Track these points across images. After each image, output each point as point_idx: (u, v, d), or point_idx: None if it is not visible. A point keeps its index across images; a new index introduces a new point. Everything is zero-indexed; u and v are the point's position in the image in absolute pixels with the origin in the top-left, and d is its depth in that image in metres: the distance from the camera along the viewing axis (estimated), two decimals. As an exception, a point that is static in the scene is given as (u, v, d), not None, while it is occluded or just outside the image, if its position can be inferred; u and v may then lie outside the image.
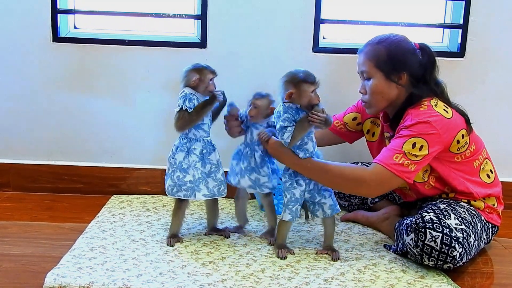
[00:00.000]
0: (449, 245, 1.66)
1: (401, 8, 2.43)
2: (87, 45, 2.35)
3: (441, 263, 1.69)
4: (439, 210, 1.75)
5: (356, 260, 1.81)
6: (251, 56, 2.37)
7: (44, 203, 2.30)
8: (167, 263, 1.73)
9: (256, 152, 1.88)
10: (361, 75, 1.91)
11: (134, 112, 2.41)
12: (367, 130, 2.10)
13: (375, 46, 1.86)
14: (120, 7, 2.40)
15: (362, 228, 2.10)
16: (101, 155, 2.44)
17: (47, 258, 1.75)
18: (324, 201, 1.83)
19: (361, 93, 1.92)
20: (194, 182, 1.85)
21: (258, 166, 1.89)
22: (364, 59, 1.87)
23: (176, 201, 1.91)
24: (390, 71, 1.83)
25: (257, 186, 1.90)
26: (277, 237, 1.86)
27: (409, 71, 1.84)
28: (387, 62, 1.83)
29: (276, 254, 1.82)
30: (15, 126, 2.41)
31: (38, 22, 2.32)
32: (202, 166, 1.86)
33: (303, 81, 1.75)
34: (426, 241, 1.68)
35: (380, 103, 1.89)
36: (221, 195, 1.90)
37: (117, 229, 1.99)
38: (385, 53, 1.83)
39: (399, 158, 1.74)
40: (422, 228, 1.68)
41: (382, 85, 1.85)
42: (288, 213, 1.82)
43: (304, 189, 1.82)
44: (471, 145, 1.85)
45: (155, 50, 2.36)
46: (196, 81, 1.84)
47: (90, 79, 2.38)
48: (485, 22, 2.37)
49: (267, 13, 2.34)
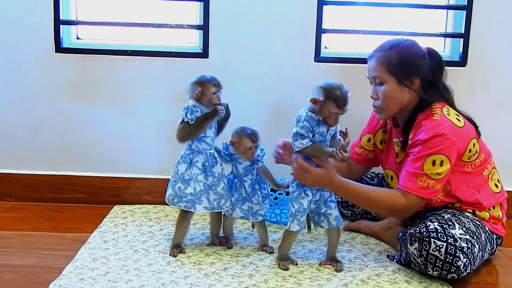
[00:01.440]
0: (454, 255, 1.65)
1: (403, 17, 2.44)
2: (90, 55, 2.36)
3: (445, 273, 1.68)
4: (443, 220, 1.75)
5: (359, 271, 1.80)
6: (253, 66, 2.37)
7: (46, 213, 2.30)
8: (170, 273, 1.73)
9: (245, 182, 1.89)
10: (372, 81, 1.90)
11: (136, 122, 2.41)
12: (380, 140, 2.08)
13: (386, 52, 1.85)
14: (122, 18, 2.41)
15: (365, 238, 2.09)
16: (103, 165, 2.43)
17: (49, 269, 1.75)
18: (329, 212, 1.83)
19: (373, 98, 1.91)
20: (195, 195, 1.85)
21: (249, 195, 1.90)
22: (376, 64, 1.86)
23: (181, 211, 1.91)
24: (403, 76, 1.83)
25: (250, 215, 1.91)
26: (282, 248, 1.85)
27: (420, 75, 1.84)
28: (399, 67, 1.83)
29: (278, 265, 1.81)
30: (17, 136, 2.41)
31: (40, 33, 2.33)
32: (204, 178, 1.86)
33: (333, 99, 1.71)
34: (430, 250, 1.67)
35: (392, 108, 1.88)
36: (221, 209, 1.89)
37: (119, 240, 1.99)
38: (397, 58, 1.83)
39: (423, 181, 1.76)
40: (426, 237, 1.67)
41: (395, 90, 1.85)
42: (296, 224, 1.80)
43: (311, 199, 1.81)
44: (480, 154, 1.86)
45: (157, 60, 2.37)
46: (198, 94, 1.84)
47: (92, 89, 2.38)
48: (486, 31, 2.37)
49: (269, 23, 2.34)
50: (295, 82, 2.37)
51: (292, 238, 1.84)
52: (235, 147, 1.87)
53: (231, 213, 1.93)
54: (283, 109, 2.35)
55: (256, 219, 1.92)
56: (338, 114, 1.74)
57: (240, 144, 1.85)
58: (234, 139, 1.86)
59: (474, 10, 2.35)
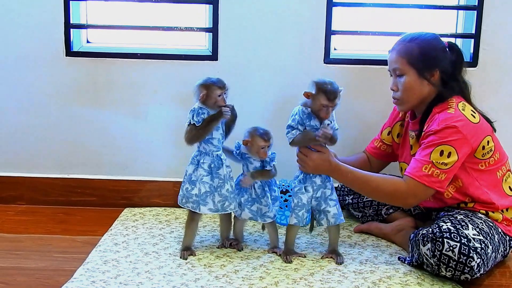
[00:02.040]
0: (467, 255, 1.64)
1: (413, 18, 2.42)
2: (100, 59, 2.37)
3: (459, 274, 1.67)
4: (456, 221, 1.74)
5: (370, 273, 1.79)
6: (262, 68, 2.37)
7: (57, 216, 2.31)
8: (180, 276, 1.73)
9: (255, 183, 1.90)
10: (392, 73, 1.92)
11: (146, 125, 2.42)
12: (397, 134, 2.10)
13: (407, 44, 1.87)
14: (132, 21, 2.42)
15: (376, 240, 2.08)
16: (113, 168, 2.44)
17: (60, 272, 1.76)
18: (328, 209, 1.87)
19: (393, 90, 1.92)
20: (200, 196, 1.86)
21: (259, 196, 1.90)
22: (397, 56, 1.88)
23: (189, 213, 1.91)
24: (423, 68, 1.85)
25: (258, 216, 1.92)
26: (286, 243, 1.90)
27: (440, 68, 1.86)
28: (419, 59, 1.85)
29: (282, 259, 1.85)
30: (28, 140, 2.42)
31: (51, 36, 2.34)
32: (211, 180, 1.86)
33: (324, 92, 1.79)
34: (443, 251, 1.66)
35: (412, 100, 1.89)
36: (224, 211, 1.90)
37: (130, 242, 1.99)
38: (417, 50, 1.85)
39: (428, 169, 1.76)
40: (440, 237, 1.67)
41: (415, 81, 1.86)
42: (294, 217, 1.86)
43: (311, 195, 1.86)
44: (495, 153, 1.85)
45: (167, 63, 2.38)
46: (204, 97, 1.85)
47: (102, 92, 2.39)
48: (498, 31, 2.35)
49: (278, 25, 2.34)
50: (304, 84, 2.33)
51: (293, 232, 1.90)
52: (248, 147, 1.88)
53: (240, 214, 1.93)
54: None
55: (265, 221, 1.92)
56: (329, 107, 1.80)
57: (253, 143, 1.86)
58: (247, 139, 1.87)
59: (485, 10, 2.33)
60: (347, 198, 2.26)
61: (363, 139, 2.38)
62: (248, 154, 1.89)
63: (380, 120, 2.22)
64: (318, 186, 1.87)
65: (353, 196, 2.25)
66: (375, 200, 2.13)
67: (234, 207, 1.89)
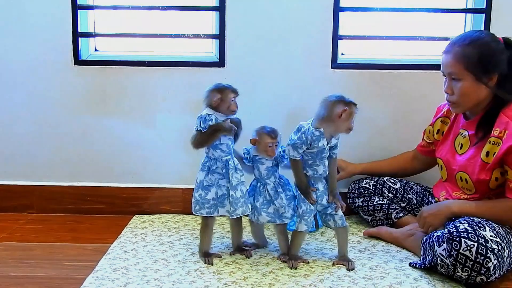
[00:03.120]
0: (485, 255, 1.63)
1: (420, 22, 2.41)
2: (108, 67, 2.38)
3: (475, 274, 1.65)
4: (473, 222, 1.73)
5: (380, 279, 1.77)
6: (269, 74, 2.37)
7: (68, 224, 2.32)
8: (190, 283, 1.73)
9: (268, 185, 1.89)
10: (447, 76, 1.88)
11: (155, 132, 2.42)
12: (437, 130, 2.09)
13: (464, 48, 1.82)
14: (140, 29, 2.43)
15: (386, 246, 2.07)
16: (122, 175, 2.45)
17: (70, 280, 1.76)
18: (335, 213, 1.88)
19: (447, 93, 1.89)
20: (217, 199, 1.87)
21: (273, 198, 1.90)
22: (453, 60, 1.83)
23: (202, 219, 1.92)
24: (481, 73, 1.81)
25: (276, 218, 1.91)
26: (291, 248, 1.89)
27: (499, 72, 1.82)
28: (477, 64, 1.80)
29: (288, 265, 1.85)
30: (38, 149, 2.44)
31: (59, 45, 2.36)
32: (226, 183, 1.87)
33: (351, 103, 1.79)
34: (461, 250, 1.64)
35: (468, 103, 1.87)
36: (231, 216, 1.89)
37: (139, 250, 1.99)
38: (476, 55, 1.80)
39: None
40: (457, 237, 1.65)
41: (472, 87, 1.83)
42: (304, 224, 1.86)
43: (317, 201, 1.87)
44: None
45: (175, 71, 2.38)
46: (218, 101, 1.85)
47: (111, 100, 2.40)
48: (506, 34, 2.32)
49: (285, 30, 2.34)
50: (312, 89, 2.37)
51: (301, 238, 1.90)
52: (256, 146, 1.88)
53: (257, 218, 1.92)
54: (300, 116, 2.30)
55: (283, 221, 1.91)
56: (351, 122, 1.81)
57: (261, 141, 1.86)
58: (254, 138, 1.87)
59: (493, 13, 2.32)
60: (357, 201, 2.25)
61: (372, 143, 2.37)
62: (258, 156, 1.89)
63: (388, 125, 2.21)
64: (322, 192, 1.87)
65: (363, 199, 2.24)
66: None
67: (241, 212, 1.89)
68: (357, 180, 2.29)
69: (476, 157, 1.86)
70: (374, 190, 2.22)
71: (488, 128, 1.84)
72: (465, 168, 1.90)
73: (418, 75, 2.36)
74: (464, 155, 1.91)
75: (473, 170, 1.86)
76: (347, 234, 1.92)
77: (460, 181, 1.93)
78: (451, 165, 1.97)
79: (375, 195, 2.22)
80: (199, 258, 1.92)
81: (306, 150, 1.84)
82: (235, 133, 1.89)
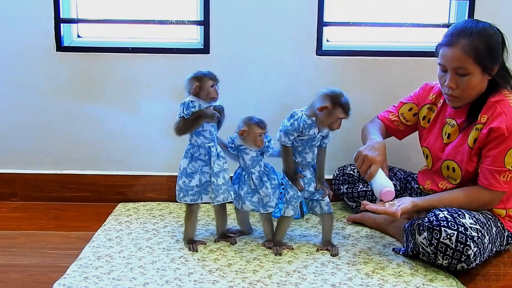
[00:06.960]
0: (464, 243, 1.64)
1: (405, 8, 2.41)
2: (91, 53, 2.36)
3: (455, 262, 1.67)
4: (453, 210, 1.73)
5: (364, 264, 1.79)
6: (254, 60, 2.36)
7: (51, 212, 2.31)
8: (174, 271, 1.73)
9: (253, 174, 1.89)
10: (450, 70, 1.78)
11: (140, 119, 2.41)
12: (423, 117, 2.01)
13: (472, 40, 1.73)
14: (123, 15, 2.40)
15: (370, 232, 2.08)
16: (107, 163, 2.44)
17: (54, 268, 1.75)
18: (321, 199, 1.89)
19: (451, 87, 1.79)
20: (201, 186, 1.87)
21: (258, 187, 1.90)
22: (461, 54, 1.73)
23: (186, 206, 1.92)
24: (488, 64, 1.76)
25: (260, 207, 1.91)
26: (276, 234, 1.91)
27: (500, 61, 1.79)
28: (486, 56, 1.74)
29: (273, 251, 1.86)
30: (21, 136, 2.41)
31: (41, 31, 2.33)
32: (210, 170, 1.87)
33: (341, 105, 1.78)
34: (441, 239, 1.66)
35: (471, 97, 1.81)
36: (213, 203, 1.89)
37: (123, 237, 1.99)
38: (484, 48, 1.73)
39: (506, 176, 1.75)
40: (437, 226, 1.66)
41: (479, 80, 1.77)
42: (291, 209, 1.88)
43: (304, 188, 1.88)
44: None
45: (159, 57, 2.36)
46: (196, 89, 1.85)
47: (94, 87, 2.38)
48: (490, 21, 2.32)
49: (270, 17, 2.33)
50: (297, 76, 2.36)
51: (287, 224, 1.91)
52: (244, 137, 1.87)
53: (241, 206, 1.92)
54: (286, 103, 2.33)
55: (267, 211, 1.91)
56: (339, 120, 1.81)
57: (250, 132, 1.85)
58: (242, 129, 1.86)
59: (477, 0, 2.31)
60: (341, 188, 2.26)
61: (357, 130, 2.37)
62: (244, 145, 1.89)
63: (374, 111, 2.21)
64: (309, 179, 1.88)
65: (348, 185, 2.24)
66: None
67: (223, 199, 1.89)
68: (341, 167, 2.29)
69: (464, 144, 1.85)
70: (359, 176, 2.23)
71: (476, 115, 1.82)
72: (453, 156, 1.87)
73: (403, 61, 2.36)
74: (451, 143, 1.89)
75: (462, 158, 1.85)
76: (332, 221, 1.95)
77: (446, 170, 1.91)
78: (437, 154, 1.95)
79: (359, 182, 2.23)
80: (184, 245, 1.92)
81: (297, 137, 1.84)
82: (218, 120, 1.89)
